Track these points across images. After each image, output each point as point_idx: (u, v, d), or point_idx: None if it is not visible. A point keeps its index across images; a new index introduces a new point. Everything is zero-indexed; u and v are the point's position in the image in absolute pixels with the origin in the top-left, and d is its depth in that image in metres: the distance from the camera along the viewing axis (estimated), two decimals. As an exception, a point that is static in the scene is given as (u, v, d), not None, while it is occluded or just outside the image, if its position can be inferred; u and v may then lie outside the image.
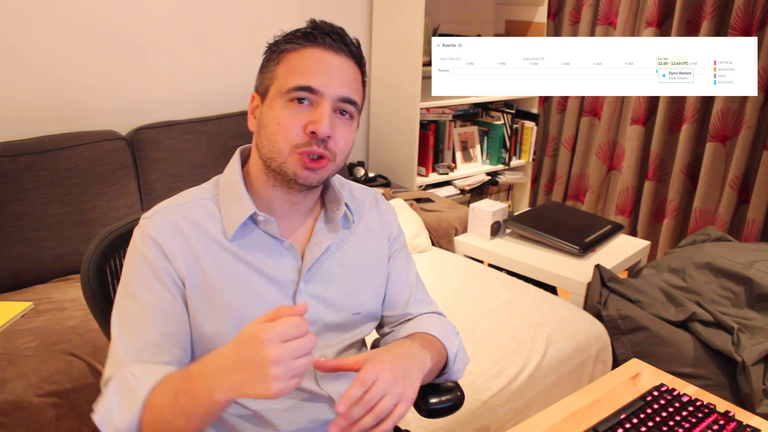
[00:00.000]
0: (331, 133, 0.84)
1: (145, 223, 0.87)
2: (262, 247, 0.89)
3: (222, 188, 0.91)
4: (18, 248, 1.85)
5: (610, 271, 1.99)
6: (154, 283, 0.84)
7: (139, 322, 0.83)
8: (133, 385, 0.78)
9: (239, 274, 0.87)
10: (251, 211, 0.87)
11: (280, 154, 0.84)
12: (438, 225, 2.43)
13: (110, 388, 0.80)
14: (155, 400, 0.77)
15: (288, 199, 0.90)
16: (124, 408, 0.77)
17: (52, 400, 1.42)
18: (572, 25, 3.28)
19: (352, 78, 0.88)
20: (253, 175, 0.91)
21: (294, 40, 0.86)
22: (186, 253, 0.86)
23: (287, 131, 0.84)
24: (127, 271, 0.87)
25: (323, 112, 0.83)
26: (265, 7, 2.57)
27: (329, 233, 0.95)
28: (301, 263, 0.91)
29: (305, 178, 0.85)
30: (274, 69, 0.87)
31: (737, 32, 2.58)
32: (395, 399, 0.78)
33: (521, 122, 3.30)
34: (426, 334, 0.98)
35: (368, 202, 1.04)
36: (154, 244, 0.85)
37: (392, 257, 1.05)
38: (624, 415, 0.97)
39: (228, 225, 0.88)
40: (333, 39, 0.86)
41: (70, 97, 2.17)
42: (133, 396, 0.77)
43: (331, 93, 0.84)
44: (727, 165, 2.71)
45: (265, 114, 0.87)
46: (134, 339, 0.83)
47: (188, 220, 0.88)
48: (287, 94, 0.84)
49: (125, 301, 0.85)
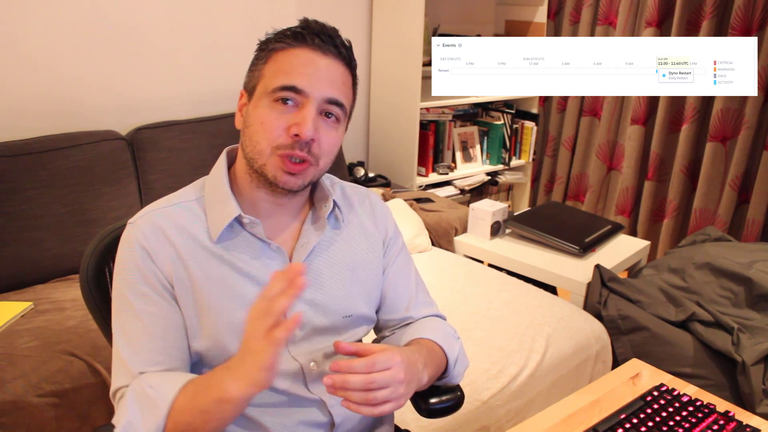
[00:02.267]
0: (315, 136, 0.83)
1: (130, 229, 0.87)
2: (248, 250, 0.88)
3: (208, 190, 0.91)
4: (18, 248, 1.85)
5: (610, 271, 1.99)
6: (147, 291, 0.84)
7: (140, 333, 0.83)
8: (153, 396, 0.78)
9: (225, 277, 0.87)
10: (236, 214, 0.86)
11: (262, 155, 0.84)
12: (438, 225, 2.43)
13: (128, 400, 0.80)
14: (178, 403, 0.78)
15: (273, 200, 0.89)
16: (147, 419, 0.78)
17: (52, 400, 1.42)
18: (572, 25, 3.28)
19: (340, 80, 0.86)
20: (238, 176, 0.90)
21: (283, 39, 0.85)
22: (172, 257, 0.85)
23: (270, 132, 0.82)
24: (118, 281, 0.86)
25: (307, 114, 0.82)
26: (265, 7, 2.57)
27: (316, 232, 0.93)
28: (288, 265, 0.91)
29: (285, 183, 0.84)
30: (262, 68, 0.86)
31: (737, 32, 2.58)
32: (392, 396, 0.78)
33: (521, 122, 3.30)
34: (429, 341, 0.96)
35: (361, 201, 1.02)
36: (140, 249, 0.84)
37: (391, 261, 1.03)
38: (624, 415, 0.97)
39: (213, 227, 0.87)
40: (322, 40, 0.85)
41: (70, 97, 2.17)
42: (155, 406, 0.78)
43: (317, 94, 0.83)
44: (727, 165, 2.71)
45: (250, 113, 0.86)
46: (138, 350, 0.83)
47: (173, 224, 0.87)
48: (272, 93, 0.83)
49: (123, 313, 0.85)
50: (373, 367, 0.77)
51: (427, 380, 0.90)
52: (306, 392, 0.91)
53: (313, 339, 0.92)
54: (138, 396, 0.79)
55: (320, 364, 0.92)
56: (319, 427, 0.92)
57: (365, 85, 3.04)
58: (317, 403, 0.92)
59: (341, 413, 0.93)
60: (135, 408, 0.79)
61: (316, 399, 0.91)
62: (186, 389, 0.79)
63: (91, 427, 1.48)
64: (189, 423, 0.77)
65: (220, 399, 0.75)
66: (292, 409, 0.90)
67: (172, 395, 0.78)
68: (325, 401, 0.92)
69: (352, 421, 0.96)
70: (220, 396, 0.75)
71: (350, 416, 0.95)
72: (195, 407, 0.77)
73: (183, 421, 0.77)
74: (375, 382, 0.76)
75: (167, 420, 0.77)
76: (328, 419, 0.92)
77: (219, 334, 0.86)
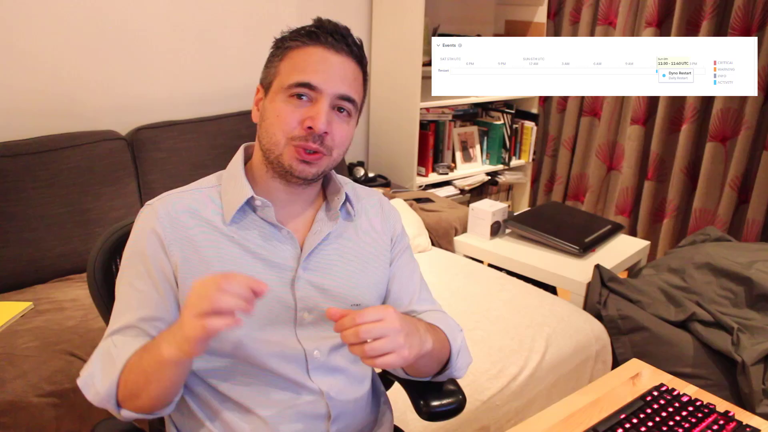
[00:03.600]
0: (328, 129, 0.87)
1: (147, 211, 0.91)
2: (259, 233, 0.91)
3: (224, 180, 0.95)
4: (18, 248, 1.85)
5: (610, 271, 1.99)
6: (142, 271, 0.88)
7: (124, 304, 0.89)
8: (114, 354, 0.84)
9: (236, 257, 0.89)
10: (249, 195, 0.90)
11: (278, 145, 0.88)
12: (438, 225, 2.43)
13: (95, 356, 0.86)
14: (129, 362, 0.83)
15: (287, 190, 0.93)
16: (104, 374, 0.83)
17: (51, 400, 1.42)
18: (572, 25, 3.28)
19: (351, 77, 0.90)
20: (254, 167, 0.95)
21: (298, 37, 0.90)
22: (182, 239, 0.88)
23: (285, 124, 0.87)
24: (125, 255, 0.91)
25: (321, 108, 0.86)
26: (266, 7, 2.57)
27: (330, 222, 0.96)
28: (299, 251, 0.93)
29: (301, 171, 0.88)
30: (278, 64, 0.90)
31: (737, 32, 2.58)
32: (392, 346, 0.77)
33: (521, 122, 3.30)
34: (431, 323, 0.98)
35: (371, 201, 1.05)
36: (152, 233, 0.88)
37: (397, 257, 1.05)
38: (624, 415, 0.97)
39: (227, 210, 0.91)
40: (335, 39, 0.89)
41: (70, 96, 2.17)
42: (113, 363, 0.83)
43: (330, 90, 0.87)
44: (727, 165, 2.71)
45: (267, 107, 0.90)
46: (117, 319, 0.88)
47: (187, 207, 0.91)
48: (288, 89, 0.87)
49: (119, 284, 0.91)
50: (363, 317, 0.77)
51: (431, 346, 0.89)
52: (307, 380, 0.91)
53: (321, 325, 0.94)
54: (103, 353, 0.86)
55: (324, 354, 0.93)
56: (315, 419, 0.92)
57: (365, 85, 3.04)
58: (316, 394, 0.92)
59: (339, 406, 0.94)
60: (98, 363, 0.85)
61: (315, 389, 0.92)
62: (138, 351, 0.83)
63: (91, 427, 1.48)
64: (134, 382, 0.81)
65: (156, 360, 0.79)
66: (289, 397, 0.91)
67: (128, 354, 0.83)
68: (324, 393, 0.92)
69: (350, 415, 0.96)
70: (156, 357, 0.78)
71: (347, 410, 0.96)
72: (139, 366, 0.81)
73: (131, 379, 0.82)
74: (369, 332, 0.76)
75: (119, 377, 0.82)
76: (325, 411, 0.93)
77: None
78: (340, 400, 0.94)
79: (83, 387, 0.84)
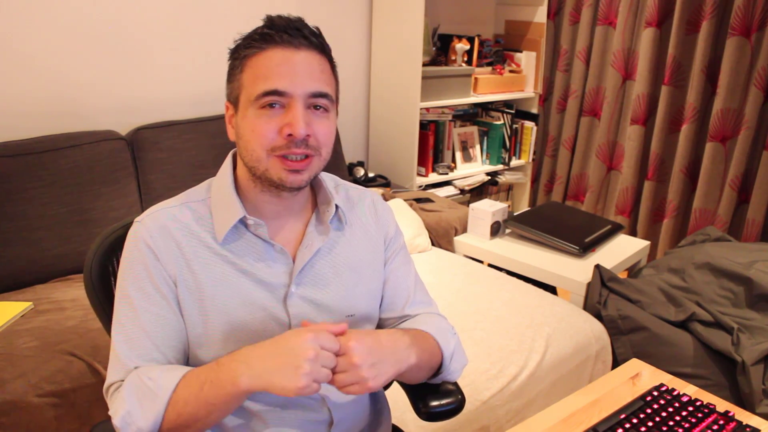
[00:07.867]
0: (309, 131, 0.83)
1: (137, 227, 0.88)
2: (253, 251, 0.89)
3: (214, 192, 0.92)
4: (18, 248, 1.85)
5: (610, 271, 1.99)
6: (149, 290, 0.85)
7: (137, 330, 0.85)
8: (153, 387, 0.80)
9: (228, 277, 0.88)
10: (240, 215, 0.87)
11: (260, 161, 0.84)
12: (438, 225, 2.43)
13: (125, 392, 0.81)
14: (179, 395, 0.79)
15: (277, 201, 0.91)
16: (146, 409, 0.79)
17: (51, 400, 1.42)
18: (572, 25, 3.28)
19: (318, 70, 0.85)
20: (241, 180, 0.92)
21: (253, 43, 0.85)
22: (176, 256, 0.86)
23: (263, 138, 0.83)
24: (122, 278, 0.87)
25: (296, 113, 0.82)
26: (266, 7, 2.57)
27: (320, 236, 0.94)
28: (292, 266, 0.91)
29: (292, 182, 0.85)
30: (239, 77, 0.86)
31: (737, 33, 2.58)
32: (352, 380, 0.79)
33: (521, 122, 3.30)
34: (421, 331, 0.97)
35: (364, 202, 1.03)
36: (146, 248, 0.86)
37: (390, 259, 1.03)
38: (624, 415, 0.97)
39: (219, 229, 0.88)
40: (291, 35, 0.84)
41: (69, 97, 2.17)
42: (155, 396, 0.79)
43: (300, 91, 0.83)
44: (727, 165, 2.71)
45: (240, 124, 0.86)
46: (134, 347, 0.84)
47: (179, 224, 0.88)
48: (257, 101, 0.83)
49: (122, 309, 0.86)
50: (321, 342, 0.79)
51: (416, 360, 0.89)
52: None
53: None
54: (136, 387, 0.81)
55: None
56: (318, 424, 0.92)
57: (365, 85, 3.04)
58: (317, 401, 0.92)
59: (340, 412, 0.94)
60: (133, 399, 0.80)
61: (316, 396, 0.92)
62: (188, 380, 0.80)
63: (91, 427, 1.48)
64: (192, 414, 0.79)
65: (228, 392, 0.77)
66: (293, 406, 0.91)
67: (172, 386, 0.80)
68: (326, 399, 0.92)
69: (351, 420, 0.96)
70: (230, 390, 0.77)
71: (349, 415, 0.96)
72: (201, 398, 0.78)
73: (186, 411, 0.79)
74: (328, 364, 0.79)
75: (167, 410, 0.79)
76: (327, 417, 0.93)
77: (218, 332, 0.87)
78: (341, 403, 0.94)
79: (122, 427, 0.80)
